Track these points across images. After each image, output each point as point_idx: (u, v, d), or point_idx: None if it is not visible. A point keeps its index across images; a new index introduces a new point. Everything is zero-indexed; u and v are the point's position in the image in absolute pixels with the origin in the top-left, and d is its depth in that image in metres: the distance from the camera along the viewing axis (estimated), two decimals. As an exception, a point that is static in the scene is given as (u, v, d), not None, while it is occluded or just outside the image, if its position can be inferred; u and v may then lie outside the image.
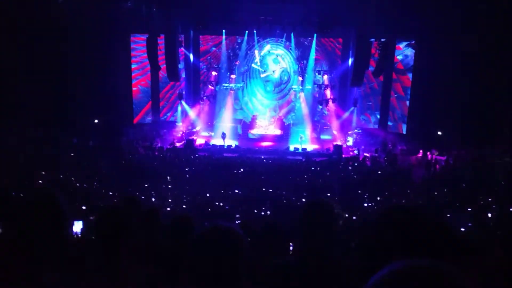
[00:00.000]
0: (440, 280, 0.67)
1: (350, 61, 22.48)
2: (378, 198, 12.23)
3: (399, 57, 22.17)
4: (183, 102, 23.97)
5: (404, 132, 22.42)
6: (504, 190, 12.02)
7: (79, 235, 4.56)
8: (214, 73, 24.11)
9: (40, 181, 11.75)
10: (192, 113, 24.08)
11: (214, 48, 24.24)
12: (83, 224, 4.77)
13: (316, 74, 23.77)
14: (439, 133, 19.40)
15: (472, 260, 2.89)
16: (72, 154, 16.66)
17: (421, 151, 19.59)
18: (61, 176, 13.10)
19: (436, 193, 12.89)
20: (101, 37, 19.96)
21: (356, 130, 23.10)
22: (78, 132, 19.29)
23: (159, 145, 21.41)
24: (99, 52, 19.91)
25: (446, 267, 0.68)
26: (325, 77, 23.78)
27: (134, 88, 23.06)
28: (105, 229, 2.05)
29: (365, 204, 11.02)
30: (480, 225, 7.68)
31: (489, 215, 9.21)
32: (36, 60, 17.65)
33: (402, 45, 22.03)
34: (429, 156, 18.65)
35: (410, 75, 21.85)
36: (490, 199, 10.84)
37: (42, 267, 1.70)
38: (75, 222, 4.70)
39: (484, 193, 11.63)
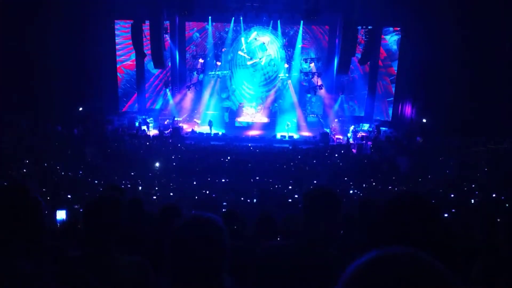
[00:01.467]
0: (419, 267, 0.68)
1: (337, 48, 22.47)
2: (364, 185, 12.37)
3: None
4: (168, 91, 23.77)
5: (389, 119, 22.63)
6: (487, 176, 12.24)
7: (63, 224, 4.51)
8: (201, 60, 23.89)
9: (24, 170, 11.60)
10: (174, 102, 23.89)
11: (198, 35, 23.96)
12: (67, 213, 4.72)
13: (303, 62, 23.70)
14: (424, 120, 19.60)
15: (455, 246, 2.95)
16: (56, 142, 16.44)
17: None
18: (46, 165, 12.94)
19: (420, 179, 13.08)
20: (84, 23, 19.60)
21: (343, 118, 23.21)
22: (63, 120, 19.01)
23: (145, 133, 21.25)
24: (83, 39, 19.54)
25: (424, 254, 0.70)
26: (312, 65, 23.74)
27: (119, 76, 22.80)
28: (93, 218, 2.03)
29: (351, 191, 11.13)
30: (463, 211, 7.83)
31: (472, 201, 9.39)
32: (17, 47, 17.28)
33: (388, 37, 22.11)
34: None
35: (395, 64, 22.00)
36: (473, 186, 11.05)
37: (15, 255, 1.67)
38: (58, 211, 4.65)
39: (467, 180, 11.84)
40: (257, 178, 13.18)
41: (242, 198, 9.96)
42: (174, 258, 1.48)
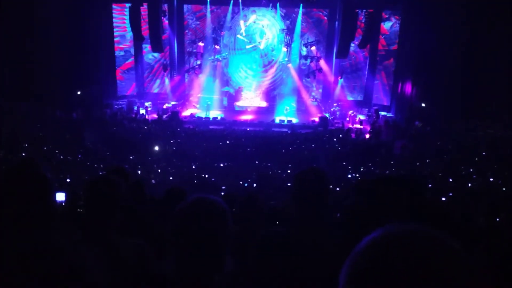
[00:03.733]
0: (436, 243, 0.67)
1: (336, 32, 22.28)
2: (362, 169, 12.44)
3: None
4: (166, 75, 23.64)
5: (388, 104, 22.61)
6: (485, 161, 12.30)
7: (62, 206, 4.54)
8: (201, 43, 23.68)
9: (23, 154, 11.62)
10: (172, 86, 23.80)
11: (195, 20, 23.69)
12: (66, 196, 4.75)
13: (304, 48, 23.53)
14: (423, 104, 19.58)
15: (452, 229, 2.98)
16: (55, 127, 16.42)
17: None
18: (45, 148, 12.96)
19: (418, 164, 13.14)
20: (81, 6, 19.37)
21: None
22: (61, 104, 18.94)
23: (143, 117, 21.21)
24: (80, 22, 19.33)
25: (440, 232, 0.70)
26: (313, 48, 23.55)
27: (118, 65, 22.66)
28: (93, 199, 2.03)
29: (349, 176, 11.19)
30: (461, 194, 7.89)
31: (470, 185, 9.46)
32: (14, 32, 17.13)
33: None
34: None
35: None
36: (471, 170, 11.11)
37: (31, 226, 1.70)
38: (58, 193, 4.67)
39: (466, 164, 11.90)
40: (256, 162, 13.23)
41: (241, 182, 10.02)
42: (178, 239, 1.49)
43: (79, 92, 20.28)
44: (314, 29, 23.60)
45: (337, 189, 8.58)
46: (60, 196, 4.76)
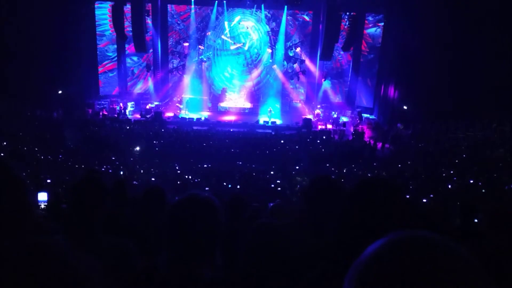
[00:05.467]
0: (446, 251, 0.66)
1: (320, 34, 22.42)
2: (345, 171, 12.53)
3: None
4: (149, 75, 23.45)
5: (371, 106, 22.84)
6: (465, 163, 12.51)
7: (45, 206, 4.48)
8: (186, 44, 23.56)
9: (1, 154, 11.36)
10: (155, 86, 23.64)
11: (179, 22, 23.59)
12: (48, 195, 4.68)
13: (289, 51, 23.64)
14: (405, 107, 19.84)
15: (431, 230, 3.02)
16: (35, 126, 16.12)
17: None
18: (25, 148, 12.70)
19: (400, 165, 13.31)
20: (64, 4, 19.04)
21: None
22: (42, 103, 18.59)
23: (126, 117, 20.98)
24: (62, 20, 18.99)
25: (446, 238, 0.69)
26: (298, 49, 23.67)
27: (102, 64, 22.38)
28: (78, 198, 2.02)
29: (332, 177, 11.24)
30: (441, 196, 8.01)
31: (450, 186, 9.62)
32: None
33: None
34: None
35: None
36: (451, 171, 11.29)
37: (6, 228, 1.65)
38: (40, 193, 4.61)
39: (446, 166, 12.09)
40: (240, 163, 13.21)
41: (224, 183, 9.98)
42: (171, 234, 1.53)
43: (60, 91, 19.94)
44: (300, 31, 23.72)
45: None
46: (43, 196, 4.71)
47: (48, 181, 8.63)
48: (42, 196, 4.61)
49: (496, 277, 1.62)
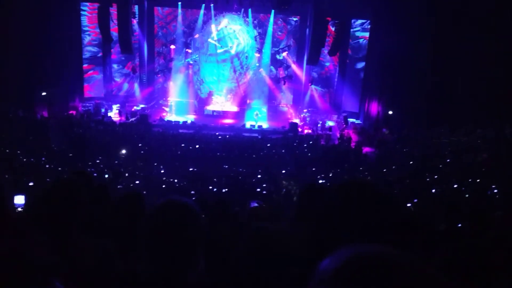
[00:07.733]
0: (397, 268, 0.65)
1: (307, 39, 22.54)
2: (330, 175, 12.57)
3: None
4: (135, 77, 23.29)
5: (357, 111, 23.01)
6: (449, 167, 12.65)
7: (22, 209, 4.38)
8: (172, 46, 23.47)
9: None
10: (141, 89, 23.49)
11: (168, 25, 23.51)
12: (25, 198, 4.58)
13: (277, 55, 23.73)
14: (390, 112, 20.02)
15: (417, 234, 3.03)
16: (18, 127, 15.82)
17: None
18: (7, 151, 12.45)
19: (385, 170, 13.40)
20: (48, 5, 18.78)
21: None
22: (25, 104, 18.26)
23: (111, 119, 20.76)
24: (46, 20, 18.71)
25: (402, 254, 0.67)
26: (285, 54, 23.77)
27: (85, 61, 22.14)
28: (55, 201, 1.99)
29: (320, 181, 11.28)
30: (425, 200, 8.08)
31: (433, 191, 9.70)
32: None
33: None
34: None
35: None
36: (436, 176, 11.40)
37: None
38: (16, 196, 4.50)
39: (430, 171, 12.20)
40: (226, 166, 13.16)
41: (210, 187, 9.93)
42: (150, 239, 1.50)
43: (44, 93, 19.63)
44: (292, 35, 23.83)
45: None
46: (19, 199, 4.59)
47: (31, 184, 8.47)
48: (19, 200, 4.50)
49: (479, 279, 1.63)
